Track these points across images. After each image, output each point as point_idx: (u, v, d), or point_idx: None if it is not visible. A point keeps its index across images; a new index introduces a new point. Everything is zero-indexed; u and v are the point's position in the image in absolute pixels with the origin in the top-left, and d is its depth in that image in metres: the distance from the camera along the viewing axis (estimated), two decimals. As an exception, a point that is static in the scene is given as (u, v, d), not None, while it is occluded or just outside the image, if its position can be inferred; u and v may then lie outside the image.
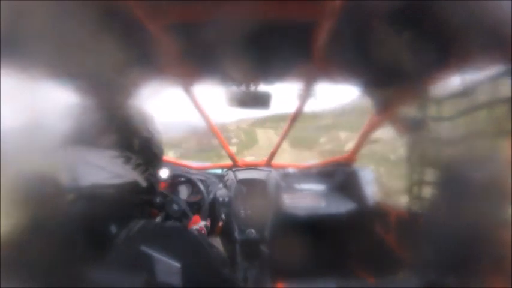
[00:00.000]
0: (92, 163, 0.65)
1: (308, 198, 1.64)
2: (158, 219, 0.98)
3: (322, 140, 7.96)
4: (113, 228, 0.66)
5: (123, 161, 0.67)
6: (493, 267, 0.68)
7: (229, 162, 1.91)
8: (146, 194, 0.75)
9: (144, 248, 0.62)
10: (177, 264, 0.62)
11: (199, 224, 1.16)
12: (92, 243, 0.61)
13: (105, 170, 0.66)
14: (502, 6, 0.62)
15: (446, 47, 0.80)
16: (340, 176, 1.74)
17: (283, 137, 1.80)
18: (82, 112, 0.69)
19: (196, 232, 1.07)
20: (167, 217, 0.99)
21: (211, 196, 1.57)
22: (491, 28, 0.64)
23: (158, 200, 0.96)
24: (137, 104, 0.83)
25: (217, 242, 1.42)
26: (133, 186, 0.70)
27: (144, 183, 0.72)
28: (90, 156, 0.65)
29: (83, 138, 0.66)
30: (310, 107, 1.47)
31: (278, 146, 1.82)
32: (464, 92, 0.79)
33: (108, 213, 0.67)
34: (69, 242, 0.58)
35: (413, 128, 1.10)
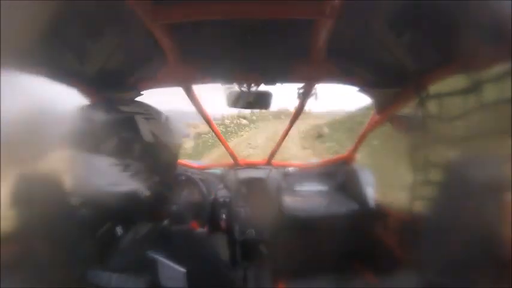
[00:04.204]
0: (92, 168, 0.63)
1: (308, 198, 1.64)
2: (165, 222, 0.96)
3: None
4: (117, 231, 0.66)
5: (121, 169, 0.64)
6: (493, 267, 0.68)
7: (229, 161, 1.91)
8: (150, 202, 0.71)
9: (150, 253, 0.62)
10: (182, 269, 0.61)
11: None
12: (95, 246, 0.62)
13: (103, 177, 0.63)
14: (502, 6, 0.62)
15: (447, 46, 0.80)
16: (340, 176, 1.73)
17: (284, 136, 1.80)
18: (83, 116, 0.67)
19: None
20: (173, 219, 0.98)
21: (211, 196, 1.57)
22: (492, 28, 0.64)
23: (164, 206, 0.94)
24: (145, 106, 0.78)
25: (219, 241, 1.42)
26: (132, 196, 0.66)
27: (146, 192, 0.68)
28: (90, 161, 0.63)
29: (84, 142, 0.64)
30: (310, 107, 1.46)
31: (279, 146, 1.82)
32: (465, 92, 0.79)
33: (110, 217, 0.67)
34: (71, 244, 0.58)
35: (413, 127, 1.09)
